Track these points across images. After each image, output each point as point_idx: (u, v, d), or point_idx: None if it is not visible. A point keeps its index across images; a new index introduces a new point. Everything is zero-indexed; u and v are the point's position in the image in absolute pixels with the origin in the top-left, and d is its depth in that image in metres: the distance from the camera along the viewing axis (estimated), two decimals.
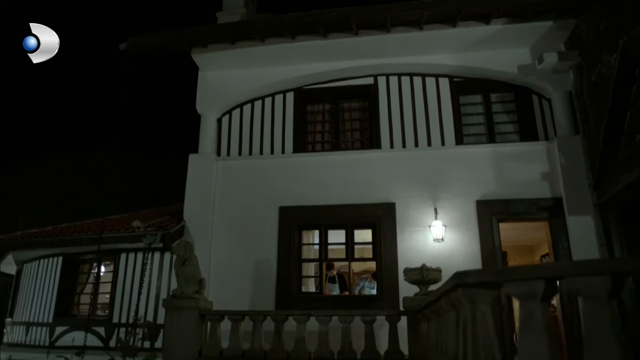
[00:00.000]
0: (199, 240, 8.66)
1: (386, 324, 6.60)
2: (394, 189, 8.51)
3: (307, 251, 8.95)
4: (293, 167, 8.94)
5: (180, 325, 6.78)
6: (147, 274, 8.93)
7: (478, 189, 8.30)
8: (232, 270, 8.53)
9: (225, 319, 6.86)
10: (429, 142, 8.76)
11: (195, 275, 6.97)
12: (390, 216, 8.37)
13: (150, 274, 9.28)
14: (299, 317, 6.64)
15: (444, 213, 8.22)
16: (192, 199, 8.93)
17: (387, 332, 6.59)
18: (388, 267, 8.14)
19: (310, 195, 8.68)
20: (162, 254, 9.47)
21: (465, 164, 8.45)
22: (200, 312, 6.82)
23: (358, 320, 6.56)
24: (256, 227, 8.72)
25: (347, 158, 8.87)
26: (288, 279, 8.36)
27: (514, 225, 9.01)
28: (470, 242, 8.08)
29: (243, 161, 9.20)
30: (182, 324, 6.78)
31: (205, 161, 9.11)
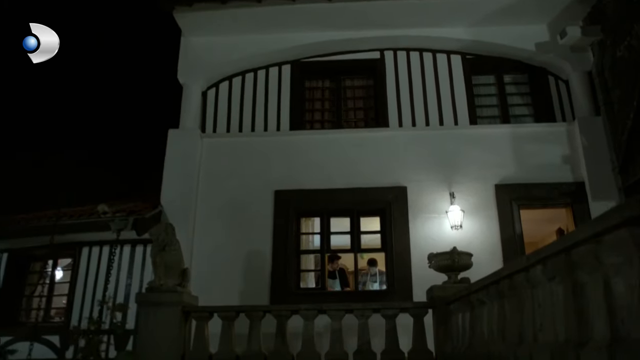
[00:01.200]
0: (180, 228, 7.17)
1: (405, 319, 5.47)
2: (405, 171, 7.48)
3: (307, 241, 7.74)
4: (290, 146, 7.77)
5: (158, 325, 5.41)
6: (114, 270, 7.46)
7: (496, 172, 7.40)
8: (218, 264, 7.22)
9: (214, 317, 5.55)
10: (441, 121, 7.82)
11: (177, 264, 5.65)
12: (401, 201, 7.31)
13: (119, 270, 7.80)
14: (306, 312, 5.43)
15: (460, 198, 7.25)
16: (172, 181, 7.57)
17: (407, 328, 5.47)
18: (400, 257, 7.05)
19: (310, 178, 7.52)
20: (133, 248, 8.03)
21: (481, 145, 7.54)
22: (183, 308, 5.48)
23: (375, 317, 5.41)
24: (247, 213, 7.46)
25: (351, 137, 7.78)
26: (284, 272, 7.12)
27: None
28: (489, 230, 7.13)
29: (232, 139, 7.94)
30: (161, 323, 5.42)
31: (187, 138, 7.80)
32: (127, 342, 7.50)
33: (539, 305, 3.05)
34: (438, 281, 6.34)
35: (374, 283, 7.83)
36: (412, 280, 6.95)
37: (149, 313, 5.51)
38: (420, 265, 6.95)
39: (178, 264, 5.68)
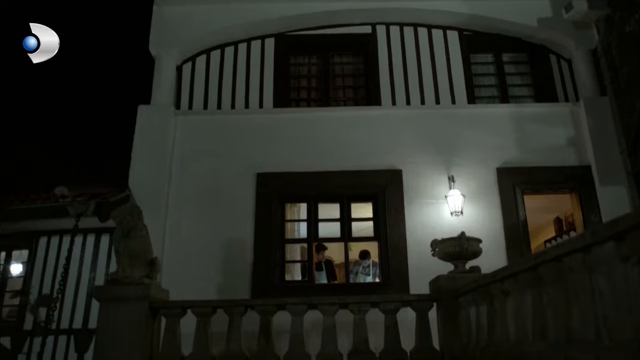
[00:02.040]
0: (150, 214, 6.29)
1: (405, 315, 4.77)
2: (400, 153, 6.78)
3: (292, 229, 6.96)
4: (274, 124, 6.97)
5: (121, 324, 4.56)
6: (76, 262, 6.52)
7: (498, 154, 6.77)
8: (193, 254, 6.39)
9: (188, 314, 4.73)
10: (437, 100, 7.15)
11: (144, 253, 4.80)
12: (396, 186, 6.61)
13: (81, 263, 6.86)
14: (295, 307, 4.65)
15: (459, 183, 6.60)
16: (141, 162, 6.67)
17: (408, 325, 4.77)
18: (395, 247, 6.35)
19: (296, 160, 6.74)
20: (97, 237, 7.11)
21: (481, 126, 6.91)
22: (151, 304, 4.64)
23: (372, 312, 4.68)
24: (226, 198, 6.63)
25: (341, 115, 7.04)
26: (268, 264, 6.33)
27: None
28: (491, 217, 6.50)
29: (210, 116, 7.09)
30: (124, 321, 4.57)
31: (159, 115, 6.91)
32: (89, 344, 6.60)
33: (599, 294, 2.37)
34: (437, 272, 5.69)
35: (366, 276, 7.12)
36: (409, 271, 6.26)
37: (109, 309, 4.64)
38: (418, 255, 6.29)
39: (145, 253, 4.83)
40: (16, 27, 5.58)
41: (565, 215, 8.51)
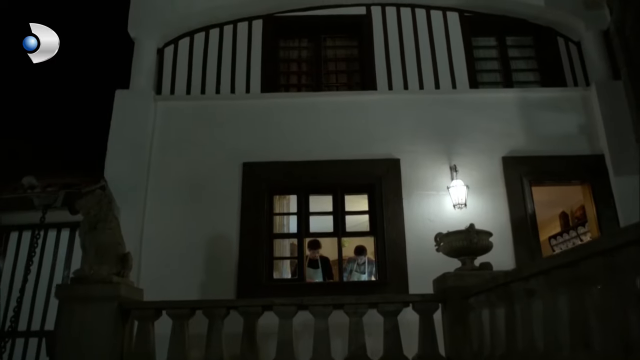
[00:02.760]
0: (127, 206, 5.86)
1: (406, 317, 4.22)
2: (398, 141, 6.24)
3: (281, 223, 6.39)
4: (262, 110, 6.40)
5: (85, 327, 4.00)
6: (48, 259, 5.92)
7: (503, 143, 6.25)
8: (174, 251, 5.82)
9: (163, 316, 4.16)
10: (437, 84, 6.61)
11: (113, 247, 4.24)
12: (393, 176, 6.06)
13: (55, 260, 6.26)
14: (282, 308, 4.09)
15: (462, 173, 6.06)
16: (118, 151, 6.09)
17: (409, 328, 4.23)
18: (392, 242, 5.81)
19: (285, 148, 6.19)
20: (72, 232, 6.49)
21: (484, 112, 6.38)
22: (121, 304, 4.08)
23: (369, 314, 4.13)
24: (210, 190, 6.06)
25: (334, 100, 6.48)
26: (254, 261, 5.76)
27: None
28: (496, 210, 5.97)
29: (193, 102, 6.51)
30: (89, 324, 4.01)
31: (137, 100, 6.32)
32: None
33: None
34: (440, 270, 5.19)
35: (361, 274, 6.56)
36: (408, 269, 5.72)
37: (73, 311, 4.07)
38: (418, 252, 5.76)
39: (114, 247, 4.26)
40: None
41: (572, 209, 8.01)
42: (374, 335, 4.25)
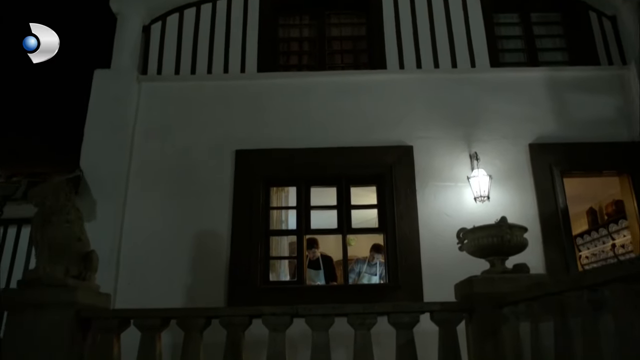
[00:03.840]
0: (105, 199, 5.14)
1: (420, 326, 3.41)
2: (410, 126, 5.45)
3: (279, 219, 5.61)
4: (258, 92, 5.63)
5: (36, 340, 3.23)
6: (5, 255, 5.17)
7: (530, 128, 5.43)
8: (157, 249, 5.08)
9: (131, 327, 3.40)
10: (454, 62, 5.80)
11: (72, 244, 3.47)
12: (406, 165, 5.26)
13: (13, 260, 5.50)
14: (273, 318, 3.31)
15: (484, 162, 5.24)
16: (96, 137, 5.35)
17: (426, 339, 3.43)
18: (405, 241, 5.01)
19: (284, 134, 5.42)
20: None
21: (508, 94, 5.57)
22: (79, 313, 3.31)
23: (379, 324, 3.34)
24: (198, 181, 5.31)
25: (339, 81, 5.69)
26: (248, 261, 4.99)
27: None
28: (523, 203, 5.15)
29: (181, 83, 5.76)
30: (40, 336, 3.24)
31: (119, 81, 5.57)
32: None
33: None
34: (460, 272, 4.40)
35: (372, 276, 5.76)
36: (422, 271, 4.92)
37: (21, 320, 3.31)
38: (433, 251, 4.98)
39: (74, 245, 3.50)
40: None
41: (601, 205, 7.15)
42: (383, 346, 3.49)
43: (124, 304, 4.86)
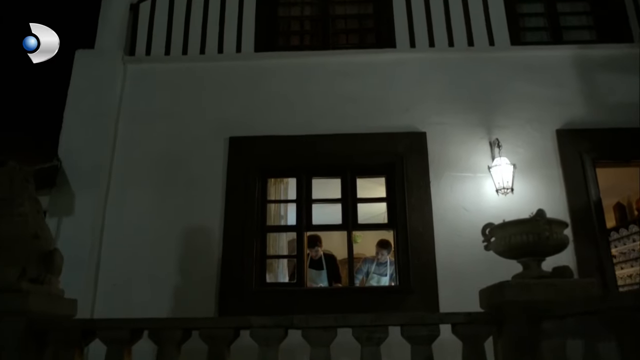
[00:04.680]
0: (85, 191, 4.58)
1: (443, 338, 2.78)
2: (423, 110, 4.81)
3: (277, 213, 5.00)
4: (255, 73, 5.02)
5: None
6: None
7: (557, 112, 4.77)
8: (142, 247, 4.50)
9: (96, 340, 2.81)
10: (470, 40, 5.13)
11: (27, 241, 2.88)
12: (418, 154, 4.63)
13: None
14: (264, 331, 2.72)
15: (506, 150, 4.59)
16: (76, 123, 4.79)
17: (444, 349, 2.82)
18: (418, 239, 4.38)
19: (283, 120, 4.81)
20: None
21: (531, 74, 4.91)
22: (32, 323, 2.73)
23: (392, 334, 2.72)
24: (188, 171, 4.72)
25: (343, 61, 5.06)
26: (242, 261, 4.39)
27: None
28: (550, 196, 4.49)
29: (170, 64, 5.16)
30: None
31: (103, 62, 4.99)
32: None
33: None
34: (483, 274, 3.81)
35: (381, 277, 5.14)
36: (437, 272, 4.29)
37: None
38: (450, 250, 4.37)
39: (30, 242, 2.90)
40: None
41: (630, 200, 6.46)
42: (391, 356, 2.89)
43: (105, 308, 4.32)
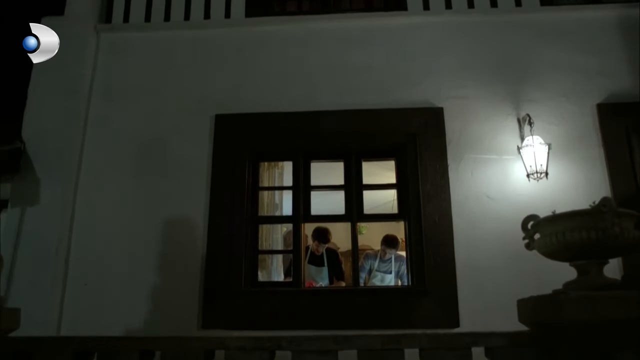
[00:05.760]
0: (52, 178, 3.94)
1: None
2: (439, 82, 4.07)
3: (270, 202, 4.32)
4: (246, 42, 4.30)
5: None
6: None
7: (597, 83, 3.99)
8: (116, 241, 3.87)
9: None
10: (494, 1, 4.35)
11: None
12: (434, 133, 3.90)
13: None
14: (242, 355, 2.05)
15: (537, 128, 3.84)
16: (42, 101, 4.12)
17: None
18: (434, 231, 3.68)
19: (278, 94, 4.10)
20: None
21: (566, 40, 4.14)
22: None
23: None
24: (169, 154, 4.05)
25: (346, 27, 4.30)
26: (230, 256, 3.73)
27: None
28: (590, 181, 3.76)
29: (150, 34, 4.43)
30: None
31: (73, 31, 4.24)
32: None
33: None
34: (510, 274, 3.20)
35: (385, 274, 4.48)
36: (457, 271, 3.60)
37: None
38: (470, 245, 3.69)
39: None
40: None
41: None
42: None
43: (74, 311, 3.72)
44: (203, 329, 3.58)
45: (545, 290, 3.16)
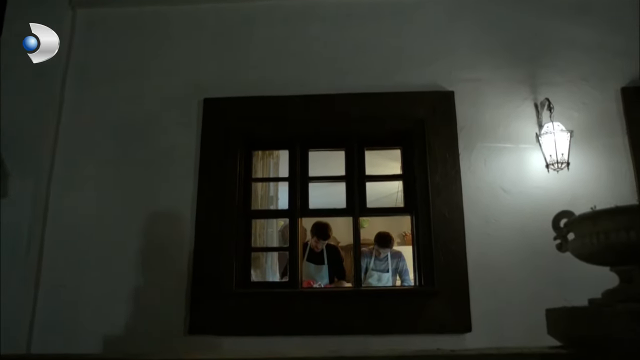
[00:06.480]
0: (24, 170, 3.57)
1: None
2: (450, 63, 3.72)
3: (265, 195, 3.99)
4: (237, 17, 3.91)
5: None
6: None
7: (621, 65, 3.65)
8: (94, 238, 3.51)
9: None
10: None
11: None
12: (444, 119, 3.57)
13: None
14: None
15: (557, 114, 3.52)
16: (12, 85, 3.72)
17: None
18: (443, 226, 3.37)
19: (272, 76, 3.74)
20: None
21: (587, 17, 3.79)
22: None
23: None
24: (152, 143, 3.68)
25: (348, 2, 3.93)
26: (219, 254, 3.40)
27: None
28: (614, 172, 3.45)
29: (131, 9, 4.02)
30: None
31: (46, 6, 3.88)
32: None
33: None
34: (529, 275, 2.91)
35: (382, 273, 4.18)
36: (469, 270, 3.31)
37: None
38: (483, 241, 3.38)
39: None
40: None
41: None
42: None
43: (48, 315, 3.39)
44: (190, 334, 3.26)
45: (565, 292, 2.86)
